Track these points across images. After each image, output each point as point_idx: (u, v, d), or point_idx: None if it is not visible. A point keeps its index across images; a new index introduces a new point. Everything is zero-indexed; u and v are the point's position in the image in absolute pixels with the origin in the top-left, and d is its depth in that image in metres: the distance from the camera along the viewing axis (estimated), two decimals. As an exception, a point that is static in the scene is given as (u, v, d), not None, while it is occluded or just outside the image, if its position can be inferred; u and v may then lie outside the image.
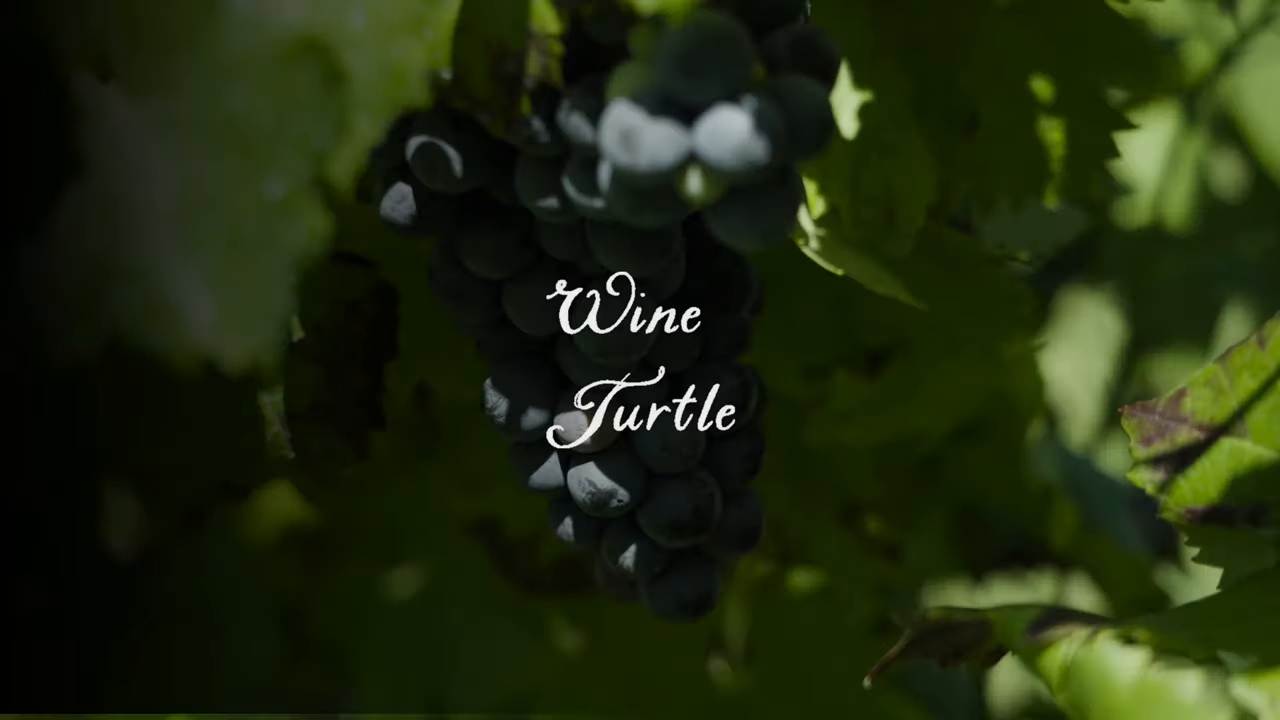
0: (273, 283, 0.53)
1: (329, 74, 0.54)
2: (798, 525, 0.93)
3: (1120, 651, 0.57)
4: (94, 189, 0.53)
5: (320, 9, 0.55)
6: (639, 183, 0.59)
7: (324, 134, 0.54)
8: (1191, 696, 0.56)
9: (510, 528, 0.89)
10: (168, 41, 0.53)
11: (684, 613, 0.73)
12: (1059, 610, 0.60)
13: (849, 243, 0.75)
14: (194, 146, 0.53)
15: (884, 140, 0.75)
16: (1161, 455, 0.65)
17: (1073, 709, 0.58)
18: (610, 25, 0.61)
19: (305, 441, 0.73)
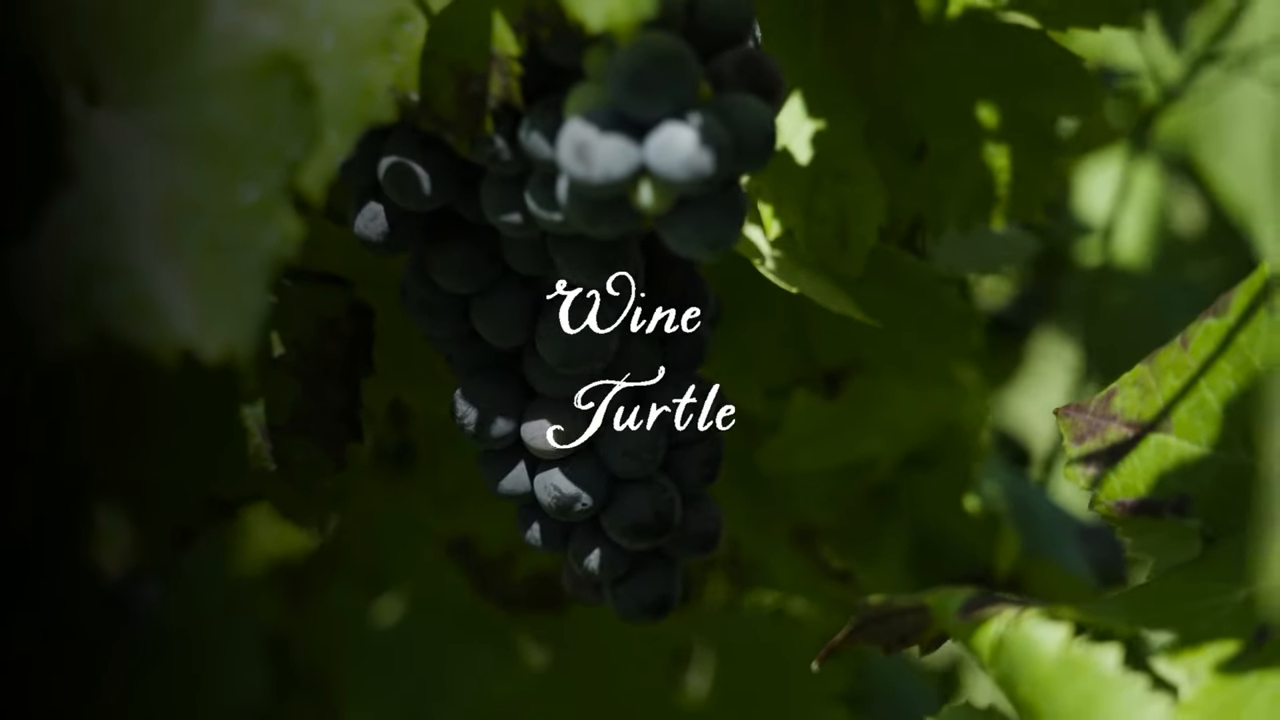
0: (249, 281, 0.58)
1: (300, 89, 0.58)
2: (753, 547, 0.97)
3: (1046, 627, 0.62)
4: (82, 194, 0.57)
5: (293, 29, 0.59)
6: (594, 194, 0.64)
7: (296, 145, 0.58)
8: (1110, 668, 0.60)
9: (485, 546, 0.94)
10: (150, 57, 0.57)
11: (646, 613, 0.77)
12: (990, 594, 0.64)
13: (804, 263, 0.80)
14: (175, 155, 0.58)
15: (837, 166, 0.80)
16: (1093, 452, 0.70)
17: (1002, 683, 0.63)
18: (566, 47, 0.65)
19: (286, 453, 0.77)
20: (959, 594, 0.64)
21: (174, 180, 0.58)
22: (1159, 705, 0.60)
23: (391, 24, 0.62)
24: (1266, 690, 0.60)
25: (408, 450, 0.97)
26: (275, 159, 0.58)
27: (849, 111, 0.80)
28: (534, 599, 0.94)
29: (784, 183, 0.80)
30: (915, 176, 0.81)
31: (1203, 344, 0.68)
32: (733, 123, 0.64)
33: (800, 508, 0.97)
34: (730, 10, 0.66)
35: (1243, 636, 0.62)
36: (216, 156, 0.58)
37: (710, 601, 0.99)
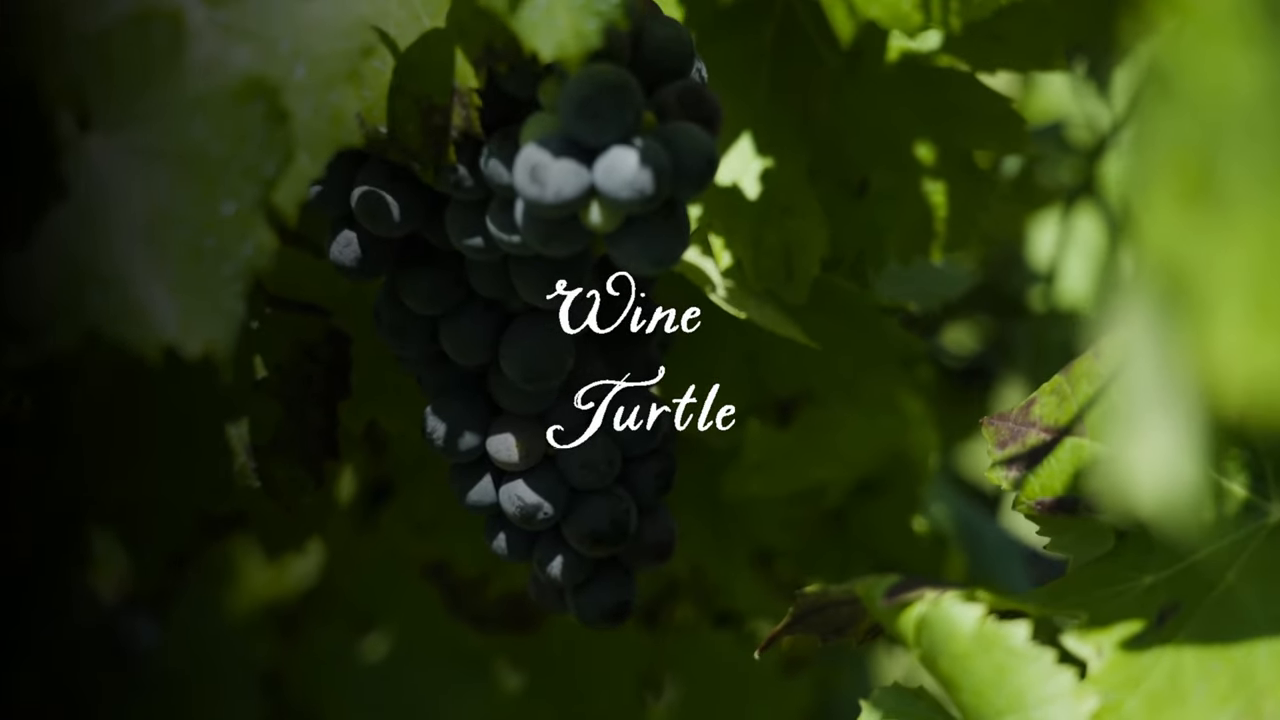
0: (227, 287, 0.63)
1: (274, 113, 0.64)
2: (716, 571, 1.02)
3: (963, 607, 0.67)
4: (75, 207, 0.63)
5: (268, 59, 0.65)
6: (547, 214, 0.70)
7: (270, 164, 0.64)
8: (1021, 642, 0.65)
9: (459, 569, 0.99)
10: (137, 83, 0.63)
11: (606, 618, 0.82)
12: (914, 578, 0.69)
13: (752, 292, 0.85)
14: (160, 172, 0.63)
15: (783, 201, 0.85)
16: (1014, 456, 0.75)
17: (925, 660, 0.68)
18: (522, 80, 0.71)
19: (269, 471, 0.83)
20: (884, 580, 0.69)
21: (159, 195, 0.63)
22: (1066, 675, 0.65)
23: (359, 56, 0.67)
24: (1165, 663, 0.65)
25: (385, 491, 1.02)
26: (251, 177, 0.64)
27: (794, 151, 0.86)
28: (506, 619, 0.99)
29: (734, 217, 0.85)
30: (857, 211, 0.87)
31: (1113, 351, 0.73)
32: (674, 148, 0.70)
33: (759, 532, 1.02)
34: (673, 46, 0.72)
35: (1147, 617, 0.68)
36: (198, 174, 0.63)
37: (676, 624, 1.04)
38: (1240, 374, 0.39)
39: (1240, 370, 0.39)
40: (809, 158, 0.86)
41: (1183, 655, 0.65)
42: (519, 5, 0.65)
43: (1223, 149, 0.40)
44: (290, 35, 0.66)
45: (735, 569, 1.02)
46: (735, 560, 1.02)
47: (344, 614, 1.17)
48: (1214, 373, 0.39)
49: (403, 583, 1.13)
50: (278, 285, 0.83)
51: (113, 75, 0.63)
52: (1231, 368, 0.39)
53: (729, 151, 0.86)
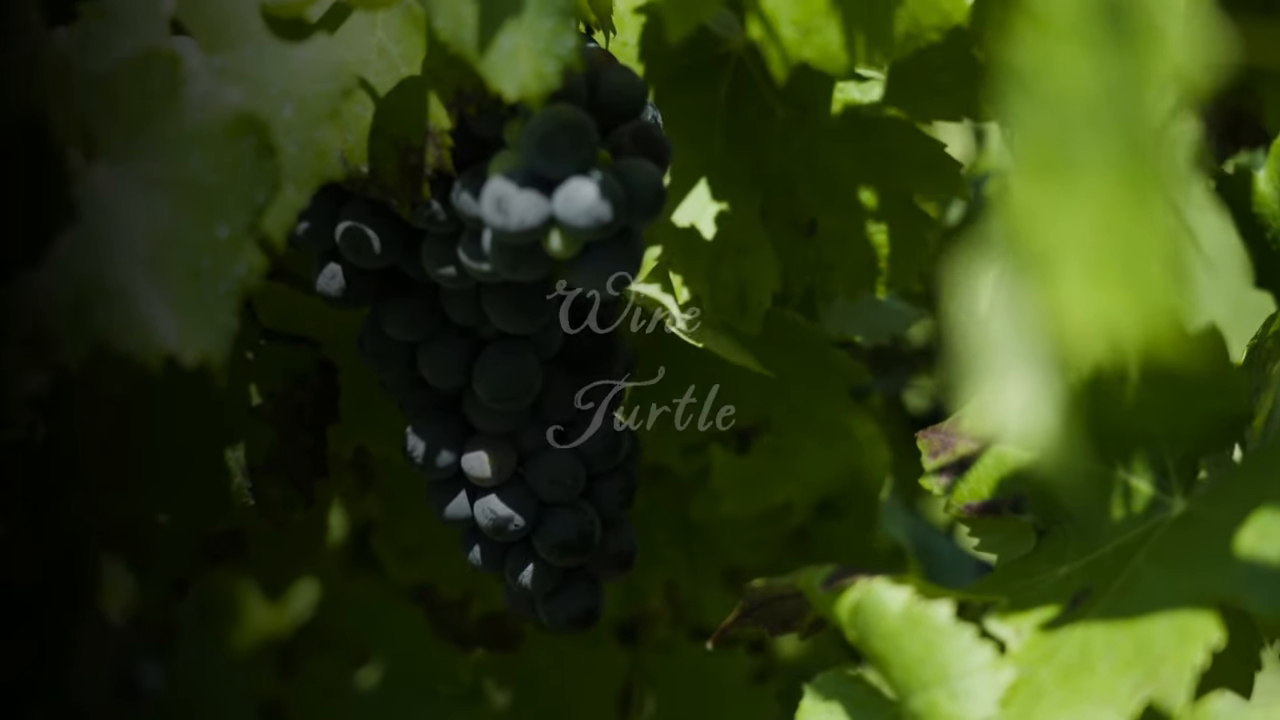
0: (222, 303, 0.69)
1: (263, 147, 0.69)
2: (688, 588, 1.07)
3: (892, 590, 0.72)
4: (82, 231, 0.68)
5: (257, 99, 0.71)
6: (512, 241, 0.75)
7: (260, 193, 0.70)
8: (945, 620, 0.70)
9: (443, 591, 1.04)
10: (139, 119, 0.69)
11: (573, 624, 0.87)
12: (848, 568, 0.74)
13: (709, 324, 0.91)
14: (160, 200, 0.69)
15: (737, 242, 0.91)
16: (945, 465, 0.80)
17: (859, 641, 0.73)
18: (490, 122, 0.77)
19: (263, 490, 0.88)
20: (822, 571, 0.74)
21: (159, 220, 0.69)
22: (986, 650, 0.70)
23: (340, 98, 0.73)
24: (1076, 639, 0.70)
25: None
26: (243, 204, 0.69)
27: (747, 195, 0.91)
28: (487, 638, 1.04)
29: (692, 256, 0.91)
30: (806, 251, 0.92)
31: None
32: (628, 180, 0.75)
33: (729, 551, 1.07)
34: (627, 90, 0.78)
35: (1061, 602, 0.73)
36: (194, 201, 0.69)
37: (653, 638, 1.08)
38: (1080, 319, 0.44)
39: (1080, 316, 0.44)
40: (761, 201, 0.91)
41: (1091, 631, 0.70)
42: (486, 50, 0.71)
43: (1070, 136, 0.46)
44: (278, 78, 0.72)
45: (707, 586, 1.07)
46: (707, 578, 1.07)
47: (339, 646, 1.22)
48: (1060, 319, 0.45)
49: (393, 615, 1.18)
50: (271, 319, 0.88)
51: (117, 112, 0.69)
52: (1074, 314, 0.44)
53: (687, 196, 0.91)
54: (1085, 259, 0.45)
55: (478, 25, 0.71)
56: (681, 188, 0.91)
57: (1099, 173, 0.45)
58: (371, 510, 1.11)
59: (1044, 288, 0.45)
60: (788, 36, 0.72)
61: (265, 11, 0.71)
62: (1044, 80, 0.47)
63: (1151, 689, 0.66)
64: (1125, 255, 0.44)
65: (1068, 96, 0.46)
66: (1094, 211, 0.45)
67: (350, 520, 1.24)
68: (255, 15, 0.72)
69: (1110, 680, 0.67)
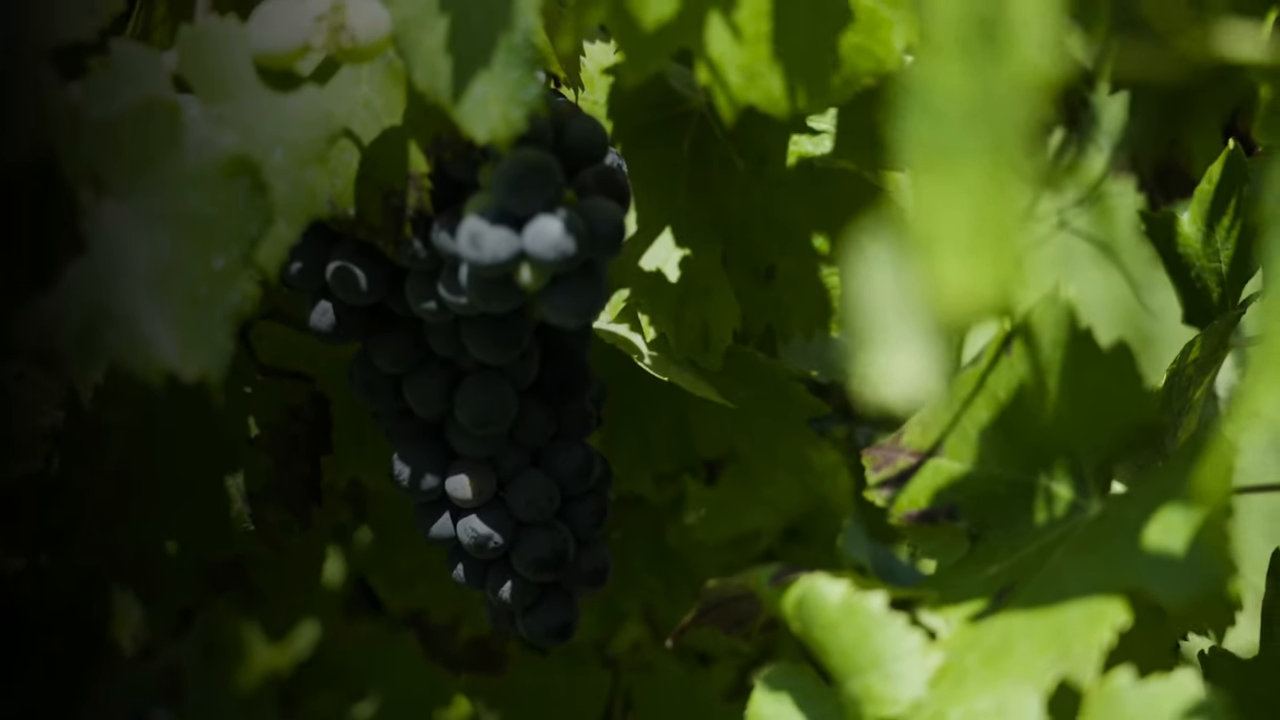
0: (219, 326, 0.74)
1: (256, 186, 0.75)
2: (665, 610, 1.12)
3: (831, 583, 0.77)
4: (91, 260, 0.74)
5: (251, 143, 0.76)
6: (485, 273, 0.81)
7: (254, 228, 0.75)
8: (879, 609, 0.75)
9: (434, 616, 1.09)
10: (142, 161, 0.74)
11: (550, 637, 0.92)
12: (792, 567, 0.79)
13: (674, 360, 0.96)
14: (162, 233, 0.74)
15: (700, 284, 0.96)
16: (887, 478, 0.85)
17: (803, 633, 0.77)
18: (465, 166, 0.82)
19: (262, 515, 0.93)
20: (769, 569, 0.79)
21: (161, 251, 0.74)
22: (916, 636, 0.75)
23: (327, 143, 0.79)
24: (999, 627, 0.75)
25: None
26: (238, 238, 0.75)
27: (710, 241, 0.97)
28: (475, 660, 1.09)
29: (658, 297, 0.96)
30: (765, 293, 0.98)
31: (964, 386, 0.84)
32: (591, 218, 0.81)
33: (702, 575, 1.12)
34: (590, 137, 0.84)
35: (988, 596, 0.78)
36: (193, 235, 0.74)
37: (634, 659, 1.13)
38: (957, 292, 0.50)
39: (957, 289, 0.50)
40: (722, 248, 0.97)
41: (1013, 620, 0.75)
42: (459, 99, 0.76)
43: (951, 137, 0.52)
44: (270, 125, 0.78)
45: (682, 608, 1.12)
46: (682, 600, 1.12)
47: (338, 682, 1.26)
48: (941, 292, 0.50)
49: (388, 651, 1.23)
50: (269, 357, 0.94)
51: (122, 154, 0.74)
52: (952, 288, 0.50)
53: (654, 243, 0.97)
54: (961, 239, 0.50)
55: (452, 77, 0.76)
56: (648, 235, 0.96)
57: (973, 166, 0.50)
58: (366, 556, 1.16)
59: (928, 265, 0.50)
60: (734, 82, 0.78)
61: (258, 64, 0.77)
62: (931, 91, 0.52)
63: (1064, 666, 0.71)
64: (991, 234, 0.49)
65: (949, 103, 0.52)
66: (968, 199, 0.50)
67: (348, 566, 1.29)
68: (250, 69, 0.77)
69: (1028, 661, 0.72)
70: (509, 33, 0.74)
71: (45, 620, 1.05)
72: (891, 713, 0.74)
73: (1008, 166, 0.50)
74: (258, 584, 1.07)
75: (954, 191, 0.51)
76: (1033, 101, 0.49)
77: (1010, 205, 0.49)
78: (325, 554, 1.14)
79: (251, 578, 1.06)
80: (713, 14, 0.77)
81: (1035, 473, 0.81)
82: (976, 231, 0.50)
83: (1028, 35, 0.50)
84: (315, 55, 0.79)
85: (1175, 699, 0.69)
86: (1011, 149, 0.50)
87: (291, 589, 1.13)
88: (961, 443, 0.83)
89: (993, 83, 0.51)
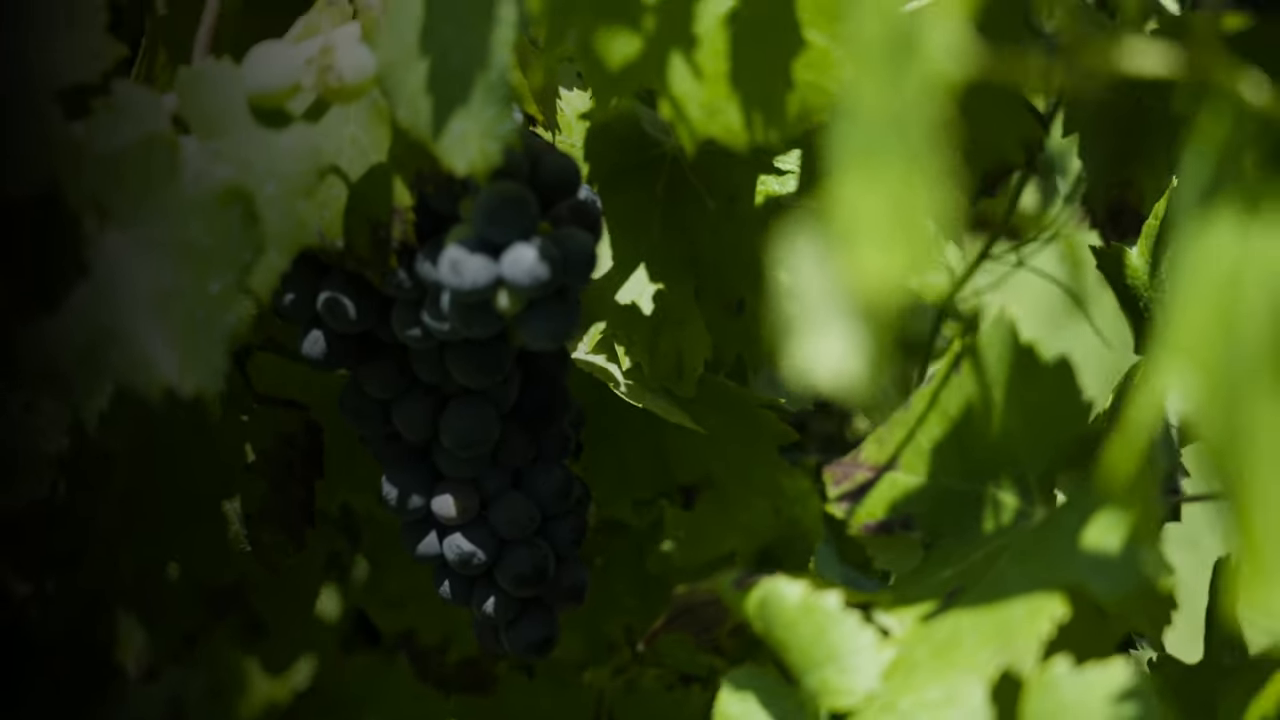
0: (215, 346, 0.79)
1: (249, 215, 0.80)
2: (644, 632, 1.17)
3: (790, 584, 0.81)
4: (95, 285, 0.79)
5: (245, 176, 0.81)
6: (466, 299, 0.86)
7: (247, 254, 0.80)
8: (835, 606, 0.80)
9: (424, 637, 1.13)
10: (142, 191, 0.79)
11: (532, 650, 0.96)
12: (753, 570, 0.83)
13: (649, 388, 1.01)
14: (162, 259, 0.79)
15: (674, 316, 1.01)
16: (846, 492, 0.90)
17: (765, 632, 0.82)
18: (446, 199, 0.87)
19: (258, 536, 0.98)
20: (731, 574, 0.83)
21: (161, 276, 0.79)
22: (870, 632, 0.79)
23: (317, 177, 0.83)
24: (947, 625, 0.79)
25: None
26: (233, 264, 0.79)
27: (682, 276, 1.02)
28: (464, 681, 1.13)
29: (633, 329, 1.01)
30: (735, 325, 1.02)
31: (919, 404, 0.88)
32: (564, 246, 0.86)
33: (680, 597, 1.17)
34: (564, 172, 0.88)
35: (939, 598, 0.82)
36: (191, 260, 0.79)
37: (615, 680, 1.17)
38: (876, 280, 0.55)
39: (877, 278, 0.55)
40: (694, 282, 1.01)
41: (961, 617, 0.79)
42: (440, 135, 0.81)
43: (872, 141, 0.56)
44: (263, 160, 0.82)
45: (663, 629, 1.16)
46: (662, 621, 1.16)
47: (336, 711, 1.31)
48: (861, 281, 0.55)
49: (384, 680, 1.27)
50: (264, 386, 0.99)
51: (124, 186, 0.79)
52: (871, 277, 0.55)
53: (629, 278, 1.01)
54: (878, 231, 0.55)
55: (432, 114, 0.81)
56: (624, 270, 1.01)
57: (888, 166, 0.55)
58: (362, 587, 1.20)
59: (849, 255, 0.55)
60: (695, 117, 0.83)
61: (252, 103, 0.82)
62: (857, 101, 0.57)
63: (1007, 657, 0.75)
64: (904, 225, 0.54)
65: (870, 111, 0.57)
66: (884, 195, 0.55)
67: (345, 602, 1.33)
68: (244, 108, 0.82)
69: (974, 653, 0.76)
70: (485, 72, 0.79)
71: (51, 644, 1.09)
72: (847, 704, 0.78)
73: (918, 165, 0.54)
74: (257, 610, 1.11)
75: (872, 189, 0.55)
76: (939, 106, 0.54)
77: (920, 200, 0.54)
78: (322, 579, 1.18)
79: (251, 604, 1.10)
80: (674, 54, 0.82)
81: (984, 483, 0.85)
82: (891, 224, 0.55)
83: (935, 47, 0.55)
84: (306, 95, 0.84)
85: (1108, 685, 0.74)
86: (921, 149, 0.55)
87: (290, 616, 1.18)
88: (916, 457, 0.88)
89: (905, 91, 0.55)
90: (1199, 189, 0.60)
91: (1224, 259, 0.58)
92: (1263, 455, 0.56)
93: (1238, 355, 0.57)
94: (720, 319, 1.02)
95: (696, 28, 0.81)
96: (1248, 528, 0.56)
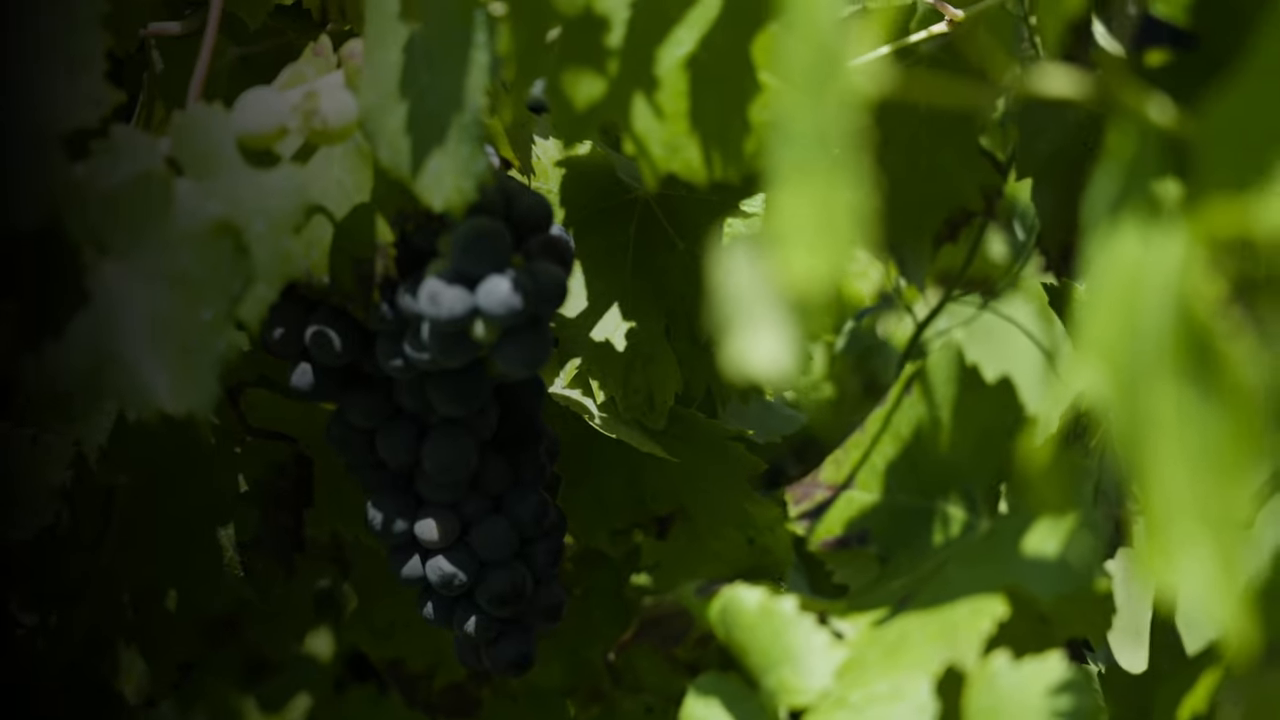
0: (206, 371, 0.84)
1: (239, 248, 0.85)
2: (623, 656, 1.21)
3: (750, 591, 0.86)
4: (94, 312, 0.84)
5: (235, 212, 0.86)
6: (444, 329, 0.90)
7: (237, 285, 0.84)
8: (791, 610, 0.84)
9: (411, 664, 1.18)
10: (139, 225, 0.84)
11: (511, 668, 1.01)
12: (715, 581, 0.88)
13: (622, 420, 1.06)
14: (157, 288, 0.83)
15: (645, 352, 1.06)
16: (806, 511, 0.94)
17: (727, 639, 0.86)
18: (426, 235, 0.92)
19: (250, 562, 1.02)
20: (694, 584, 0.88)
21: (156, 305, 0.83)
22: (824, 634, 0.84)
23: (303, 215, 0.88)
24: (896, 627, 0.84)
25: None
26: (224, 293, 0.84)
27: (653, 314, 1.07)
28: (450, 706, 1.17)
29: (607, 365, 1.06)
30: (704, 359, 1.07)
31: (873, 425, 0.93)
32: (536, 278, 0.91)
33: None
34: (535, 209, 0.94)
35: (890, 605, 0.87)
36: (184, 290, 0.83)
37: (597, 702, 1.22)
38: (803, 279, 0.60)
39: (803, 277, 0.60)
40: (665, 320, 1.07)
41: (909, 619, 0.83)
42: (418, 173, 0.86)
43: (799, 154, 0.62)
44: (252, 198, 0.87)
45: (640, 655, 1.20)
46: (639, 647, 1.20)
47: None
48: (790, 280, 0.60)
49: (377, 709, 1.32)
50: (257, 420, 1.04)
51: (121, 220, 0.84)
52: (798, 276, 0.60)
53: (603, 316, 1.06)
54: (806, 234, 0.60)
55: (411, 154, 0.86)
56: (598, 309, 1.06)
57: (814, 177, 0.61)
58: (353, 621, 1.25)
59: (779, 257, 0.60)
60: (656, 154, 0.88)
61: (241, 144, 0.87)
62: (788, 120, 0.62)
63: (951, 653, 0.80)
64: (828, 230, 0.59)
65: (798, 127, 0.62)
66: (811, 203, 0.60)
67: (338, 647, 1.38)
68: (233, 149, 0.87)
69: (920, 651, 0.81)
70: (460, 113, 0.84)
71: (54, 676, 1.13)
72: (803, 701, 0.83)
73: (839, 174, 0.60)
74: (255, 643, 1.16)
75: (799, 197, 0.61)
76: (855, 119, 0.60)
77: (842, 205, 0.59)
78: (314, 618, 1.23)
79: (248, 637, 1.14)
80: (637, 95, 0.87)
81: (934, 499, 0.90)
82: (816, 229, 0.60)
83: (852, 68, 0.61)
84: (293, 138, 0.89)
85: (1046, 678, 0.78)
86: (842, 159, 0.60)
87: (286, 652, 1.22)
88: (871, 476, 0.92)
89: (826, 107, 0.61)
90: (1108, 201, 0.65)
91: (1127, 263, 0.63)
92: (1162, 437, 0.60)
93: (1140, 349, 0.62)
94: (690, 354, 1.07)
95: (658, 70, 0.86)
96: (1149, 505, 0.61)
